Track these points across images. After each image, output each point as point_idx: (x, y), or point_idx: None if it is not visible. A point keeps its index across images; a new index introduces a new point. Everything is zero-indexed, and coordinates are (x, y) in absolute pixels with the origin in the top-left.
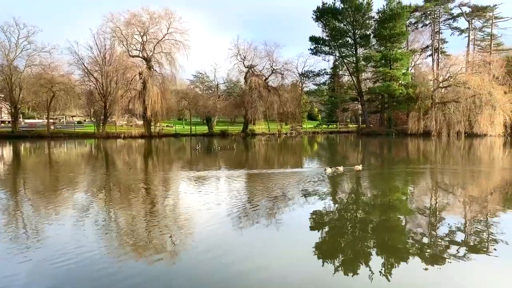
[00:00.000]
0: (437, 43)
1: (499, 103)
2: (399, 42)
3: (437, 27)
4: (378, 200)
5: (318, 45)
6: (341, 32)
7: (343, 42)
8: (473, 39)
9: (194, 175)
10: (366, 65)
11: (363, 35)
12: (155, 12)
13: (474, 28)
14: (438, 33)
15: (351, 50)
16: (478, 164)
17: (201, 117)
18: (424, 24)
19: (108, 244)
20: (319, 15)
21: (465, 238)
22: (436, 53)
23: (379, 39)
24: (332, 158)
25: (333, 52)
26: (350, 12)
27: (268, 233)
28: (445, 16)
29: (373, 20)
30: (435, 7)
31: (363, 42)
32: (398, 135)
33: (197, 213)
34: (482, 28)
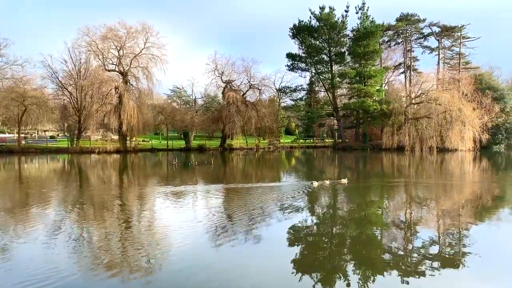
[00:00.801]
0: (409, 61)
1: (469, 119)
2: (373, 60)
3: (409, 45)
4: (358, 213)
5: (295, 61)
6: (317, 49)
7: (319, 59)
8: (443, 58)
9: (170, 190)
10: (341, 82)
11: (338, 52)
12: (132, 27)
13: (443, 47)
14: (410, 51)
15: (326, 67)
16: (450, 178)
17: (178, 131)
18: (397, 43)
19: (81, 262)
20: (295, 32)
21: (439, 251)
22: (408, 70)
23: (354, 57)
24: (310, 173)
25: (309, 68)
26: (326, 30)
27: (246, 249)
28: (416, 35)
29: (348, 38)
30: (406, 26)
31: (338, 59)
32: (373, 149)
33: (173, 229)
34: (451, 47)
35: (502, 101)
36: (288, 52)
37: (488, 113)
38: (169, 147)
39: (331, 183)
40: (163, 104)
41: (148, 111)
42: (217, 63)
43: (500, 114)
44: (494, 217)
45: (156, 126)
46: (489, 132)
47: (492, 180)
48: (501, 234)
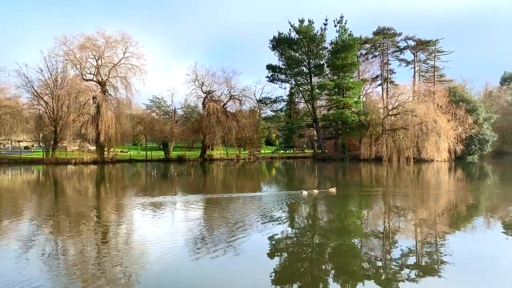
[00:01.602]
0: (386, 73)
1: (444, 130)
2: (351, 72)
3: (386, 58)
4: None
5: (275, 73)
6: (296, 61)
7: (299, 71)
8: (418, 70)
9: (149, 201)
10: (320, 93)
11: (317, 64)
12: (111, 37)
13: (419, 60)
14: (387, 64)
15: (306, 78)
16: (426, 188)
17: (158, 142)
18: (374, 55)
19: (55, 278)
20: (275, 44)
21: (416, 260)
22: (385, 82)
23: (332, 69)
24: (291, 183)
25: (289, 80)
26: (305, 43)
27: (226, 261)
28: (393, 49)
29: (327, 51)
30: (383, 40)
31: (317, 71)
32: (352, 160)
33: (152, 241)
34: (426, 60)
35: (475, 113)
36: (268, 64)
37: (462, 125)
38: (148, 158)
39: (320, 192)
40: (142, 115)
41: (127, 121)
42: (198, 73)
43: (473, 126)
44: (469, 226)
45: (134, 137)
46: (463, 143)
47: (467, 189)
48: (476, 242)
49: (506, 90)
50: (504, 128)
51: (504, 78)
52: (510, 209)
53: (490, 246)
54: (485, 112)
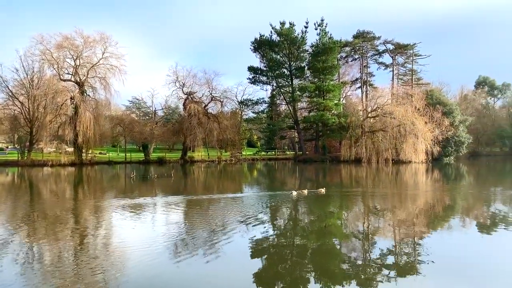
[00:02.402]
0: (365, 76)
1: (421, 132)
2: (331, 75)
3: (365, 61)
4: (319, 224)
5: (256, 75)
6: (277, 63)
7: (280, 73)
8: (396, 74)
9: (128, 203)
10: (301, 95)
11: (298, 67)
12: (90, 36)
13: (397, 63)
14: (366, 67)
15: (287, 80)
16: (404, 188)
17: (137, 144)
18: (354, 59)
19: (30, 284)
20: (257, 46)
21: (395, 260)
22: (364, 85)
23: (313, 71)
24: (272, 185)
25: (270, 82)
26: (286, 45)
27: (207, 264)
28: (372, 52)
29: (307, 53)
30: (362, 43)
31: (298, 73)
32: (332, 161)
33: (131, 245)
34: (404, 64)
35: (451, 115)
36: (249, 66)
37: (439, 127)
38: (127, 160)
39: (309, 192)
40: (122, 116)
41: (106, 122)
42: (178, 74)
43: (449, 128)
44: (445, 226)
45: (114, 138)
46: (440, 145)
47: (443, 190)
48: (452, 241)
49: (480, 93)
50: (479, 130)
51: (478, 82)
52: (484, 209)
53: (466, 245)
54: (461, 115)
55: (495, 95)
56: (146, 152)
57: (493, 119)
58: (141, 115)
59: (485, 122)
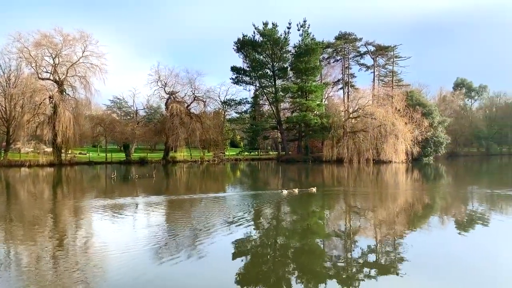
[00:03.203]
0: (347, 77)
1: (401, 133)
2: (313, 75)
3: (347, 62)
4: (302, 223)
5: (239, 75)
6: (260, 64)
7: (263, 73)
8: (377, 75)
9: (108, 204)
10: (284, 96)
11: (281, 67)
12: (69, 34)
13: (378, 65)
14: (348, 68)
15: (270, 81)
16: (385, 188)
17: (118, 144)
18: (336, 60)
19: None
20: (240, 46)
21: (376, 258)
22: (346, 86)
23: (296, 72)
24: (255, 185)
25: (253, 82)
26: (269, 45)
27: (189, 265)
28: (354, 53)
29: (290, 54)
30: (344, 45)
31: (281, 74)
32: (315, 161)
33: (112, 246)
34: (385, 65)
35: (430, 116)
36: (232, 66)
37: (418, 128)
38: (108, 160)
39: (299, 191)
40: (102, 115)
41: (86, 122)
42: (160, 74)
43: (429, 129)
44: (425, 225)
45: (94, 138)
46: (420, 145)
47: (423, 189)
48: (431, 240)
49: (458, 95)
50: (457, 131)
51: (456, 83)
52: (462, 208)
53: (445, 243)
54: (440, 116)
55: (472, 97)
56: (127, 152)
57: (470, 120)
58: (122, 115)
59: (463, 123)
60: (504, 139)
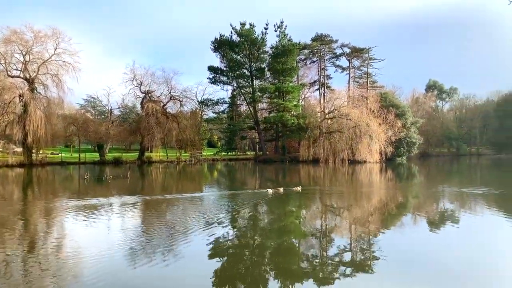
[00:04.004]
0: (323, 78)
1: (375, 134)
2: (290, 76)
3: (323, 64)
4: (278, 223)
5: (217, 74)
6: (238, 64)
7: (240, 74)
8: (353, 76)
9: (81, 205)
10: (261, 96)
11: (258, 68)
12: (41, 31)
13: (353, 66)
14: (324, 70)
15: (247, 81)
16: (360, 187)
17: (92, 144)
18: (312, 61)
19: None
20: (217, 46)
21: (351, 257)
22: (322, 87)
23: (273, 73)
24: (232, 185)
25: (231, 82)
26: (246, 46)
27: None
28: (330, 55)
29: (267, 55)
30: (320, 46)
31: (259, 74)
32: (291, 162)
33: (85, 249)
34: (360, 67)
35: (403, 117)
36: (210, 65)
37: (392, 128)
38: (81, 160)
39: (284, 190)
40: (76, 114)
41: (58, 121)
42: (136, 72)
43: (402, 129)
44: (398, 223)
45: (67, 138)
46: (393, 145)
47: (396, 188)
48: (404, 238)
49: (430, 97)
50: (429, 132)
51: (428, 85)
52: (433, 207)
53: (417, 241)
54: (412, 117)
55: (444, 99)
56: (101, 152)
57: (441, 121)
58: (97, 114)
59: (435, 124)
60: (473, 140)
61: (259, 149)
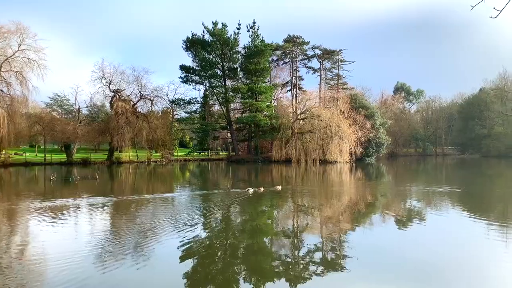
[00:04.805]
0: (295, 79)
1: (346, 134)
2: (263, 77)
3: (295, 65)
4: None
5: (189, 74)
6: (210, 64)
7: (213, 73)
8: (324, 78)
9: (47, 207)
10: (234, 96)
11: (231, 68)
12: (3, 26)
13: (324, 68)
14: (296, 71)
15: (220, 81)
16: (330, 187)
17: (59, 144)
18: (284, 62)
19: None
20: (189, 45)
21: (322, 256)
22: (294, 88)
23: (246, 73)
24: (204, 185)
25: (203, 82)
26: (219, 45)
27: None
28: (301, 56)
29: (240, 55)
30: (292, 48)
31: (231, 74)
32: (264, 162)
33: (51, 253)
34: (330, 69)
35: (372, 118)
36: (181, 64)
37: (361, 129)
38: (47, 161)
39: (265, 190)
40: (41, 113)
41: (22, 120)
42: (105, 71)
43: (371, 130)
44: (367, 222)
45: (31, 138)
46: (363, 146)
47: (365, 188)
48: (374, 236)
49: (398, 98)
50: (396, 133)
51: (396, 87)
52: (401, 205)
53: (386, 238)
54: (381, 118)
55: (411, 100)
56: (68, 152)
57: (409, 122)
58: (64, 113)
59: (402, 125)
60: (438, 140)
61: (232, 149)
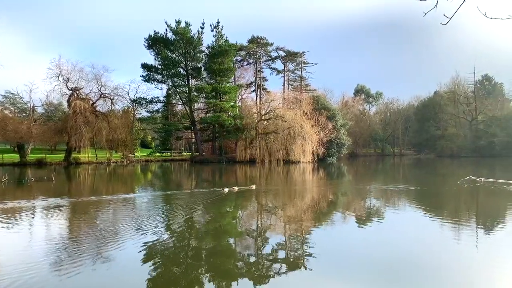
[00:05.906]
0: (259, 80)
1: (308, 135)
2: (227, 77)
3: (259, 66)
4: (214, 224)
5: (151, 72)
6: (173, 62)
7: (176, 72)
8: (287, 79)
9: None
10: (198, 96)
11: (194, 67)
12: None
13: (288, 70)
14: (260, 72)
15: (183, 80)
16: (293, 186)
17: (12, 144)
18: (249, 63)
19: None
20: (151, 43)
21: (285, 255)
22: (259, 89)
23: (210, 73)
24: (167, 186)
25: (166, 80)
26: (182, 44)
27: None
28: (265, 57)
29: (204, 54)
30: (257, 48)
31: (195, 73)
32: (229, 162)
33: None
34: (294, 70)
35: (334, 119)
36: (143, 63)
37: (323, 130)
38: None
39: (239, 189)
40: None
41: None
42: (62, 68)
43: (332, 131)
44: (329, 220)
45: None
46: (324, 146)
47: (327, 187)
48: (335, 235)
49: (358, 100)
50: (357, 133)
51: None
52: (362, 203)
53: (348, 237)
54: (342, 119)
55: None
56: (22, 153)
57: (368, 123)
58: (17, 112)
59: (362, 126)
60: (396, 141)
61: (196, 149)
